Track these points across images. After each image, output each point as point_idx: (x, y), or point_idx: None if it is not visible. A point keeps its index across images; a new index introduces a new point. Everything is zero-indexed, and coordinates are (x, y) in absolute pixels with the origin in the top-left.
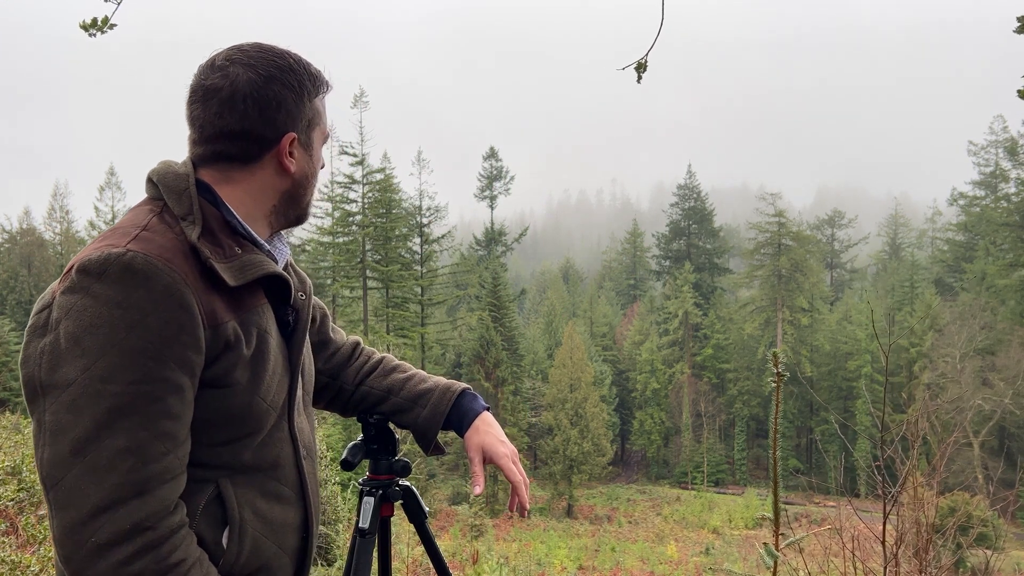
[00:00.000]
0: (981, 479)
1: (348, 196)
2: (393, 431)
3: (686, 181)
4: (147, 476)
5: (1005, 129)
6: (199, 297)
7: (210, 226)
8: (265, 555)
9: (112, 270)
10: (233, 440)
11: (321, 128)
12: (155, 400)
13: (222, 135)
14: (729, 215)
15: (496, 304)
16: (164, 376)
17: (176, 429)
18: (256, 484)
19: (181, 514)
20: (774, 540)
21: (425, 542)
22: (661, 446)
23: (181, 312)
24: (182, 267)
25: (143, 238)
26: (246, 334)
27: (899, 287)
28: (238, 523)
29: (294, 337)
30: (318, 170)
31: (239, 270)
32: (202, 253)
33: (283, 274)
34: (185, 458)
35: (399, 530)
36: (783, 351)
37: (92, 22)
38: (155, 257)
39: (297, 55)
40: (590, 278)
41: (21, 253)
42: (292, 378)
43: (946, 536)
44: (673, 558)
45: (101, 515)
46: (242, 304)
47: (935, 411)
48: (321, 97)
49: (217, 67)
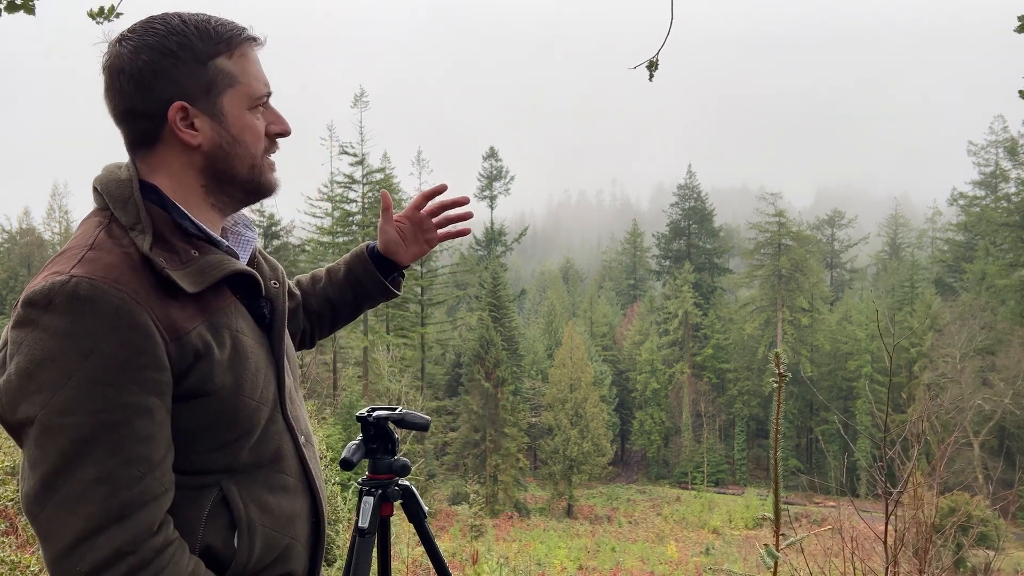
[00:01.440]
0: (981, 479)
1: (348, 196)
2: (392, 431)
3: (686, 181)
4: (123, 502)
5: (1005, 129)
6: (154, 312)
7: (161, 232)
8: (278, 548)
9: (58, 300)
10: (229, 443)
11: (238, 89)
12: (119, 426)
13: (118, 119)
14: (729, 215)
15: (496, 304)
16: (125, 401)
17: (149, 451)
18: (260, 480)
19: (166, 533)
20: (775, 540)
21: (425, 542)
22: (661, 446)
23: (134, 333)
24: (131, 284)
25: (88, 259)
26: (216, 337)
27: (899, 287)
28: (246, 522)
29: (273, 328)
30: (245, 135)
31: (198, 274)
32: (156, 264)
33: (248, 270)
34: (166, 476)
35: (399, 530)
36: (783, 351)
37: (100, 10)
38: (100, 280)
39: (194, 16)
40: (590, 278)
41: (21, 253)
42: (278, 369)
43: (946, 536)
44: (673, 558)
45: (81, 545)
46: (207, 307)
47: (935, 411)
48: (230, 54)
49: (107, 48)
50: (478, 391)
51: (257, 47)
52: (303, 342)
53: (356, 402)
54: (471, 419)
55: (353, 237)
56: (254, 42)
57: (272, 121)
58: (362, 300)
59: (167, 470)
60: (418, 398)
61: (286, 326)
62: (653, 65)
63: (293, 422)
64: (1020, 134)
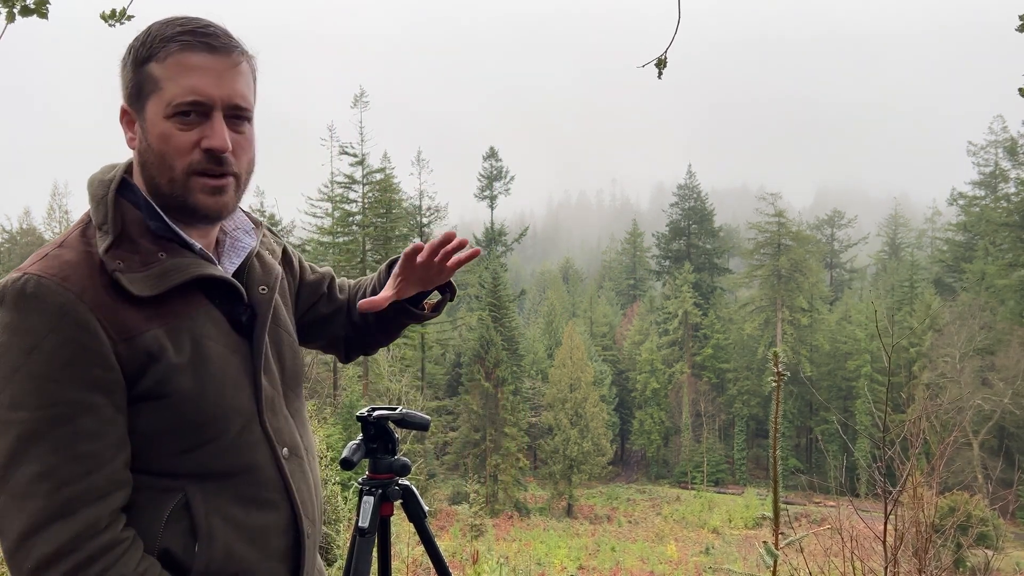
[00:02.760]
0: (981, 479)
1: (348, 196)
2: (392, 431)
3: (686, 181)
4: (66, 499)
5: (1005, 129)
6: (100, 312)
7: (128, 233)
8: (242, 562)
9: (8, 296)
10: (194, 448)
11: (160, 95)
12: (63, 423)
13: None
14: (729, 215)
15: (496, 304)
16: (68, 398)
17: (96, 449)
18: (229, 490)
19: (114, 531)
20: (774, 539)
21: (425, 542)
22: (661, 446)
23: (78, 330)
24: (80, 283)
25: (51, 256)
26: (175, 341)
27: (899, 287)
28: (206, 531)
29: (253, 336)
30: (159, 144)
31: (158, 277)
32: (108, 265)
33: (220, 276)
34: (117, 475)
35: (399, 530)
36: (783, 351)
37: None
38: (50, 277)
39: (169, 19)
40: (590, 278)
41: (21, 253)
42: (255, 378)
43: (946, 536)
44: (673, 558)
45: (27, 541)
46: (168, 311)
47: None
48: (162, 58)
49: None
50: (478, 391)
51: (214, 53)
52: (340, 351)
53: (356, 402)
54: (471, 419)
55: (353, 237)
56: (206, 48)
57: (206, 135)
58: (390, 321)
59: (118, 468)
60: (418, 398)
61: (266, 334)
62: (662, 63)
63: (273, 433)
64: (1020, 134)
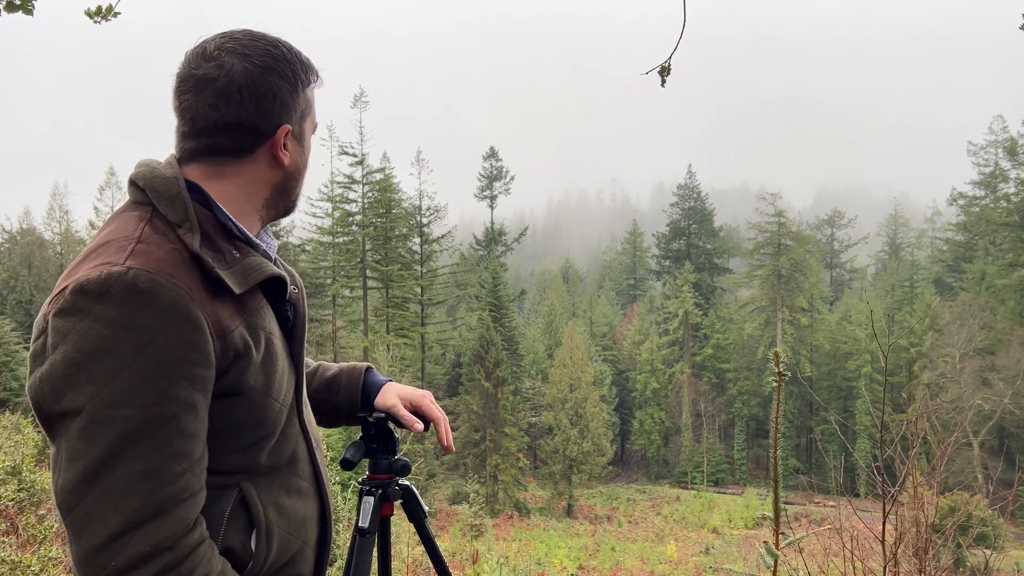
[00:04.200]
0: (981, 479)
1: (348, 196)
2: (392, 430)
3: (686, 181)
4: (164, 498)
5: (1005, 129)
6: (205, 309)
7: (207, 231)
8: (291, 550)
9: (115, 290)
10: (252, 444)
11: (312, 118)
12: (168, 421)
13: (216, 128)
14: (729, 215)
15: (496, 304)
16: (176, 396)
17: (191, 447)
18: (277, 482)
19: (200, 530)
20: (774, 539)
21: (425, 542)
22: (661, 446)
23: (189, 329)
24: (185, 280)
25: (140, 251)
26: (254, 338)
27: (899, 287)
28: (264, 524)
29: (294, 332)
30: (308, 160)
31: (241, 275)
32: (206, 263)
33: (282, 273)
34: (203, 474)
35: (399, 530)
36: (783, 351)
37: (97, 10)
38: (157, 273)
39: (288, 43)
40: (590, 278)
41: (21, 253)
42: (297, 373)
43: (946, 536)
44: (673, 558)
45: (119, 539)
46: (246, 308)
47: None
48: (312, 87)
49: (210, 55)
50: (478, 391)
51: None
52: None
53: None
54: (471, 419)
55: (353, 237)
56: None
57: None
58: (333, 411)
59: (204, 468)
60: None
61: (306, 330)
62: (665, 71)
63: (308, 426)
64: (1020, 134)
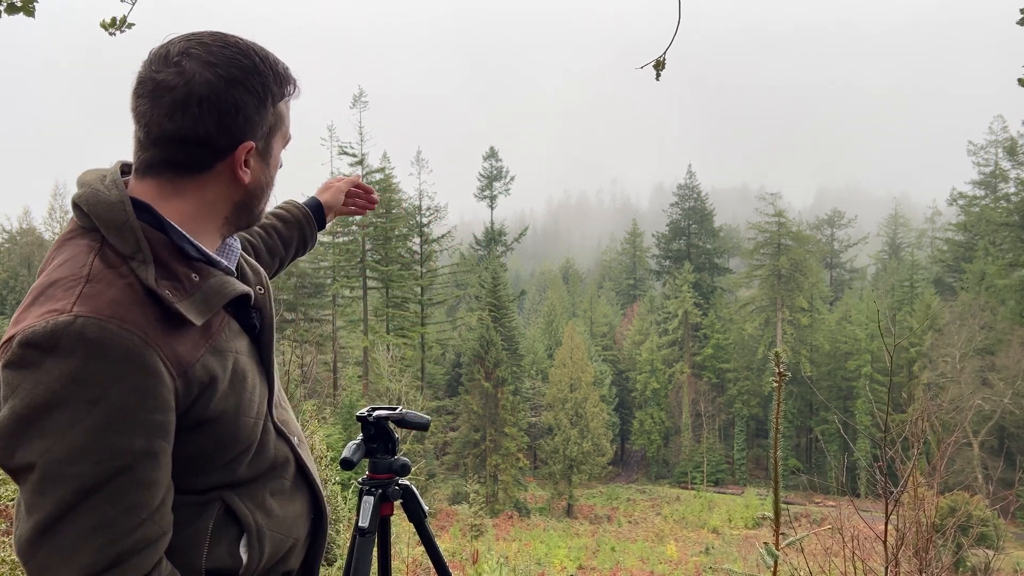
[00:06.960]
0: (981, 479)
1: None
2: (392, 431)
3: (686, 181)
4: (119, 551)
5: (1005, 129)
6: (162, 350)
7: (161, 258)
8: (283, 550)
9: (64, 342)
10: (230, 461)
11: (283, 133)
12: (122, 473)
13: (171, 140)
14: (729, 215)
15: (496, 304)
16: (131, 447)
17: (149, 496)
18: (261, 487)
19: (159, 572)
20: (774, 539)
21: (425, 541)
22: (661, 446)
23: (144, 376)
24: (138, 321)
25: (89, 294)
26: (220, 363)
27: (899, 287)
28: (254, 528)
29: (262, 337)
30: (275, 176)
31: (203, 302)
32: (164, 298)
33: (246, 290)
34: (165, 519)
35: (399, 529)
36: (783, 351)
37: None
38: (108, 319)
39: (264, 51)
40: (590, 278)
41: (21, 253)
42: (268, 378)
43: (946, 536)
44: (673, 558)
45: None
46: (209, 332)
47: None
48: (286, 100)
49: (172, 60)
50: (478, 391)
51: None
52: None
53: (356, 402)
54: (471, 419)
55: (353, 237)
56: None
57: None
58: (300, 244)
59: (166, 512)
60: (418, 398)
61: (275, 331)
62: (660, 65)
63: (283, 426)
64: (1020, 134)
